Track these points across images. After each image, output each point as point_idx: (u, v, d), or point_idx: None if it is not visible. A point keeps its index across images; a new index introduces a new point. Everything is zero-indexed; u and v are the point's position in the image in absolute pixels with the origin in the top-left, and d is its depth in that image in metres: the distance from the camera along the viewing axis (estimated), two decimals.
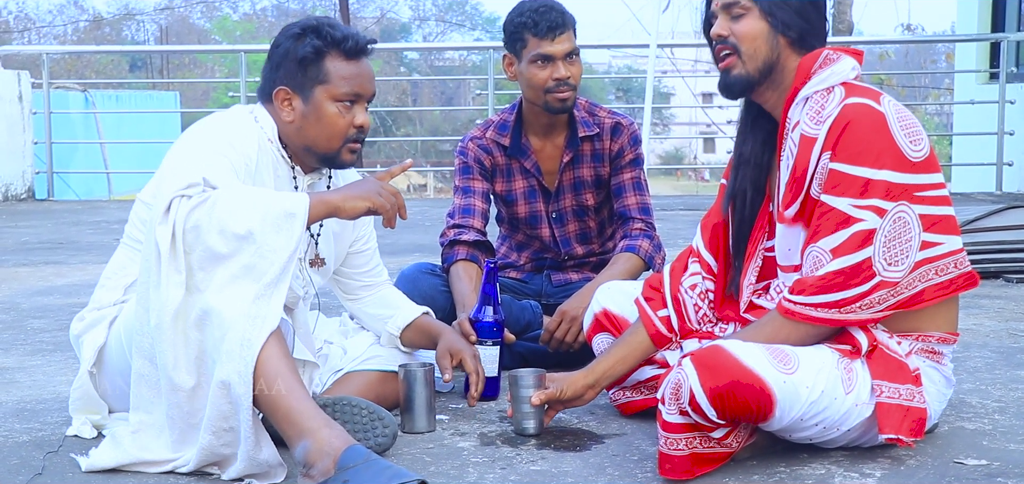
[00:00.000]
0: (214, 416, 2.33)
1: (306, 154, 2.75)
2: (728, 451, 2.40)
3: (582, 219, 3.61)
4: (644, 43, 11.12)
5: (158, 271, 2.35)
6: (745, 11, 2.57)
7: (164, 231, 2.35)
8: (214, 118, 2.71)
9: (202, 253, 2.35)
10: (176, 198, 2.37)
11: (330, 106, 2.69)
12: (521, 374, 2.71)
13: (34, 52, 13.04)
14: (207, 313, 2.33)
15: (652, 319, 2.77)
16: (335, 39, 2.69)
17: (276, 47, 2.74)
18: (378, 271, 3.10)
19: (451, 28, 39.22)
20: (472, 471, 2.48)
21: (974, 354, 3.60)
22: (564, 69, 3.38)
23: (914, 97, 23.47)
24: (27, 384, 3.36)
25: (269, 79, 2.74)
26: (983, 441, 2.64)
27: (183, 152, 2.57)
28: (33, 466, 2.53)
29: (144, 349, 2.43)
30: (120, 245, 2.80)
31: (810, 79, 2.53)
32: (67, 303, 4.78)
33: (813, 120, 2.50)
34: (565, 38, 3.38)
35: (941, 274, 2.48)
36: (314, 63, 2.68)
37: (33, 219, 8.96)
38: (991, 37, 12.07)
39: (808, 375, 2.34)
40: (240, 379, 2.29)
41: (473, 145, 3.59)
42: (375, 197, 2.54)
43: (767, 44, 2.57)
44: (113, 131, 15.43)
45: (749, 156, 2.70)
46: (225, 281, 2.34)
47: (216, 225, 2.34)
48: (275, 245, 2.36)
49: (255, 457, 2.34)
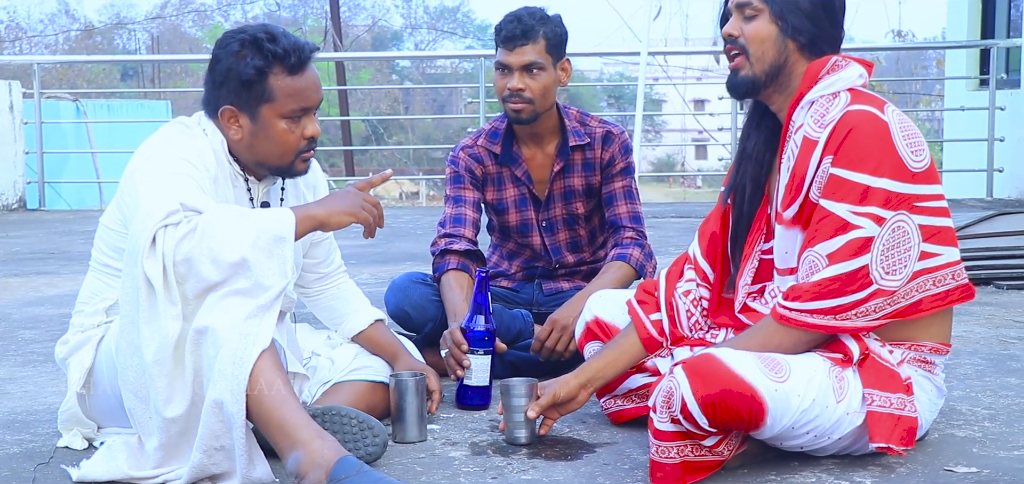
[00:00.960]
0: (206, 435, 2.32)
1: (258, 167, 2.73)
2: (719, 459, 2.40)
3: (572, 228, 3.61)
4: (635, 50, 11.12)
5: (152, 305, 2.34)
6: (757, 13, 2.58)
7: (153, 265, 2.33)
8: (166, 135, 2.65)
9: (195, 283, 2.35)
10: (160, 229, 2.35)
11: (279, 123, 2.64)
12: (513, 383, 2.70)
13: (25, 62, 12.98)
14: (201, 332, 2.32)
15: (644, 323, 2.77)
16: (277, 55, 2.61)
17: (217, 62, 2.65)
18: (332, 259, 3.08)
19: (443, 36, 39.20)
20: (463, 481, 2.48)
21: (964, 361, 3.61)
22: (518, 80, 3.38)
23: (905, 103, 23.48)
24: (18, 395, 3.35)
25: (213, 96, 2.67)
26: (973, 448, 2.65)
27: (149, 178, 2.51)
28: (24, 477, 2.52)
29: (130, 384, 2.41)
30: (90, 270, 2.77)
31: (817, 84, 2.54)
32: (59, 313, 4.77)
33: (816, 123, 2.50)
34: (526, 50, 3.37)
35: (939, 285, 2.48)
36: (257, 82, 2.61)
37: (24, 229, 8.94)
38: (981, 43, 12.10)
39: (799, 383, 2.35)
40: (233, 398, 2.28)
41: (464, 154, 3.60)
42: (358, 210, 2.55)
43: (775, 47, 2.57)
44: (104, 140, 15.38)
45: (752, 152, 2.71)
46: (217, 300, 2.34)
47: (208, 255, 2.33)
48: (268, 270, 2.36)
49: (249, 475, 2.34)
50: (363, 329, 3.04)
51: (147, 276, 2.33)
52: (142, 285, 2.34)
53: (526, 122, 3.44)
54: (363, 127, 27.59)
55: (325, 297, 3.07)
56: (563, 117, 3.53)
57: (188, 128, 2.70)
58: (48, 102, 13.05)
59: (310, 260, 3.02)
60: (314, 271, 3.05)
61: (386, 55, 26.66)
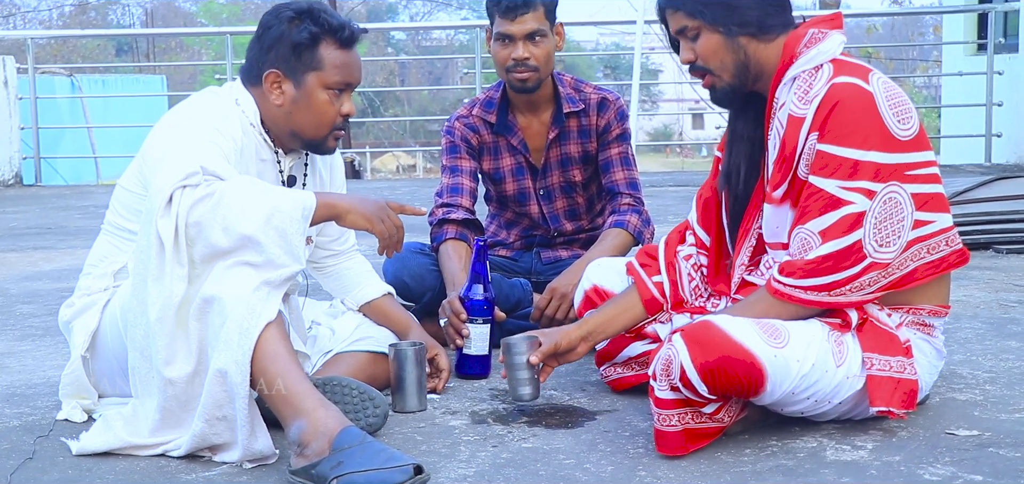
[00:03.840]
0: (209, 404, 2.32)
1: (291, 138, 2.74)
2: (720, 426, 2.40)
3: (570, 195, 3.60)
4: (631, 19, 11.08)
5: (160, 264, 2.34)
6: (697, 30, 2.56)
7: (167, 224, 2.34)
8: (196, 102, 2.69)
9: (204, 248, 2.35)
10: (177, 190, 2.36)
11: (321, 93, 2.69)
12: (514, 341, 2.69)
13: (19, 37, 12.98)
14: (208, 302, 2.32)
15: (646, 283, 2.77)
16: (332, 27, 2.69)
17: (267, 29, 2.71)
18: (346, 237, 3.09)
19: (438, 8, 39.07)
20: (464, 450, 2.48)
21: (964, 325, 3.61)
22: (523, 50, 3.37)
23: (902, 70, 23.46)
24: (17, 369, 3.35)
25: (258, 61, 2.72)
26: (974, 411, 2.65)
27: (173, 139, 2.54)
28: (24, 450, 2.52)
29: (137, 342, 2.42)
30: (102, 232, 2.78)
31: (796, 60, 2.52)
32: (56, 288, 4.76)
33: (800, 100, 2.48)
34: (527, 18, 3.35)
35: (933, 252, 2.48)
36: (309, 49, 2.68)
37: (21, 205, 8.93)
38: (979, 8, 12.05)
39: (798, 349, 2.34)
40: (237, 367, 2.28)
41: (459, 124, 3.58)
42: (377, 223, 2.55)
43: (730, 51, 2.56)
44: (100, 115, 15.34)
45: (742, 132, 2.69)
46: (225, 269, 2.34)
47: (220, 222, 2.34)
48: (279, 249, 2.36)
49: (250, 446, 2.34)
50: (374, 298, 3.04)
51: (159, 235, 2.34)
52: (154, 243, 2.35)
53: (532, 90, 3.43)
54: (359, 100, 27.51)
55: (336, 271, 3.08)
56: (557, 84, 3.52)
57: (220, 97, 2.72)
58: (43, 78, 13.04)
59: (323, 238, 3.02)
60: (326, 249, 3.05)
61: (381, 26, 26.59)
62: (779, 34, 2.55)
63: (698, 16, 2.54)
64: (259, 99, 2.72)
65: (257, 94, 2.73)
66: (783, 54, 2.54)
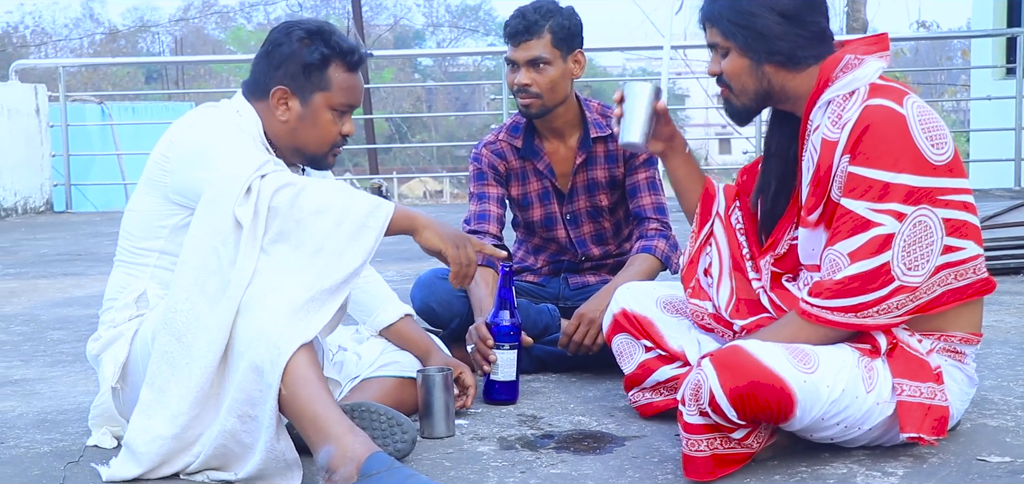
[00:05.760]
0: (241, 400, 2.33)
1: (292, 153, 2.78)
2: (749, 452, 2.39)
3: (597, 220, 3.60)
4: (657, 45, 11.09)
5: (236, 248, 2.38)
6: (727, 49, 2.59)
7: (245, 211, 2.39)
8: (208, 116, 2.70)
9: (275, 236, 2.40)
10: (255, 179, 2.41)
11: (326, 113, 2.74)
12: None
13: (50, 65, 13.09)
14: (254, 298, 2.35)
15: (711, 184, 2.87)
16: (342, 50, 2.73)
17: (277, 46, 2.74)
18: None
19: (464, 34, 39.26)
20: (492, 476, 2.48)
21: (995, 351, 3.58)
22: (524, 76, 3.38)
23: (930, 94, 23.36)
24: (48, 395, 3.37)
25: (266, 76, 2.74)
26: (1006, 438, 2.63)
27: (221, 144, 2.56)
28: (54, 476, 2.53)
29: (176, 327, 2.41)
30: (115, 267, 2.78)
31: (831, 84, 2.51)
32: (86, 314, 4.79)
33: (834, 124, 2.48)
34: (531, 45, 3.37)
35: (960, 279, 2.46)
36: (319, 70, 2.71)
37: (51, 231, 9.00)
38: (1008, 32, 12.01)
39: (828, 374, 2.33)
40: (272, 367, 2.29)
41: (487, 151, 3.59)
42: (452, 247, 2.59)
43: (753, 77, 2.57)
44: (130, 142, 15.44)
45: (775, 149, 2.70)
46: (280, 268, 2.37)
47: (296, 213, 2.40)
48: (345, 251, 2.41)
49: (274, 447, 2.34)
50: (392, 322, 3.04)
51: (237, 220, 2.38)
52: (231, 230, 2.38)
53: (536, 116, 3.44)
54: (386, 126, 27.64)
55: (354, 290, 3.08)
56: (584, 109, 3.52)
57: (220, 110, 2.74)
58: (73, 105, 13.11)
59: None
60: None
61: (408, 52, 26.74)
62: (811, 65, 2.55)
63: (731, 38, 2.56)
64: (263, 113, 2.75)
65: (261, 108, 2.75)
66: (818, 78, 2.53)
